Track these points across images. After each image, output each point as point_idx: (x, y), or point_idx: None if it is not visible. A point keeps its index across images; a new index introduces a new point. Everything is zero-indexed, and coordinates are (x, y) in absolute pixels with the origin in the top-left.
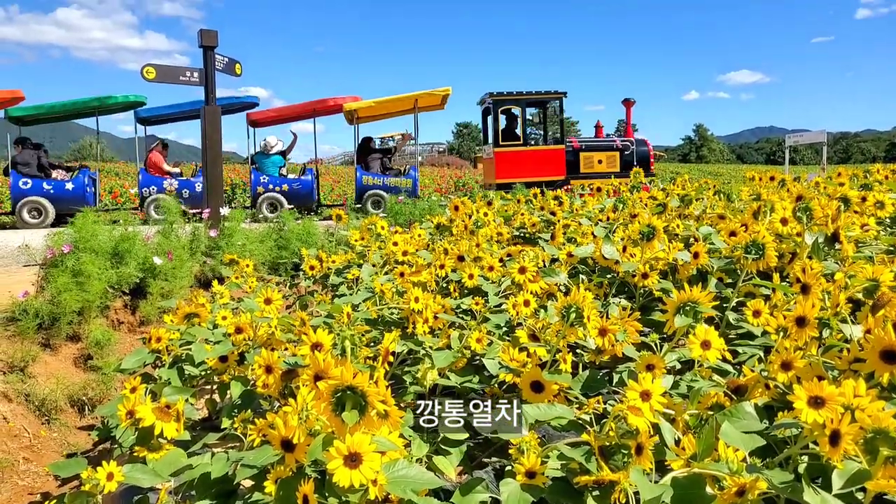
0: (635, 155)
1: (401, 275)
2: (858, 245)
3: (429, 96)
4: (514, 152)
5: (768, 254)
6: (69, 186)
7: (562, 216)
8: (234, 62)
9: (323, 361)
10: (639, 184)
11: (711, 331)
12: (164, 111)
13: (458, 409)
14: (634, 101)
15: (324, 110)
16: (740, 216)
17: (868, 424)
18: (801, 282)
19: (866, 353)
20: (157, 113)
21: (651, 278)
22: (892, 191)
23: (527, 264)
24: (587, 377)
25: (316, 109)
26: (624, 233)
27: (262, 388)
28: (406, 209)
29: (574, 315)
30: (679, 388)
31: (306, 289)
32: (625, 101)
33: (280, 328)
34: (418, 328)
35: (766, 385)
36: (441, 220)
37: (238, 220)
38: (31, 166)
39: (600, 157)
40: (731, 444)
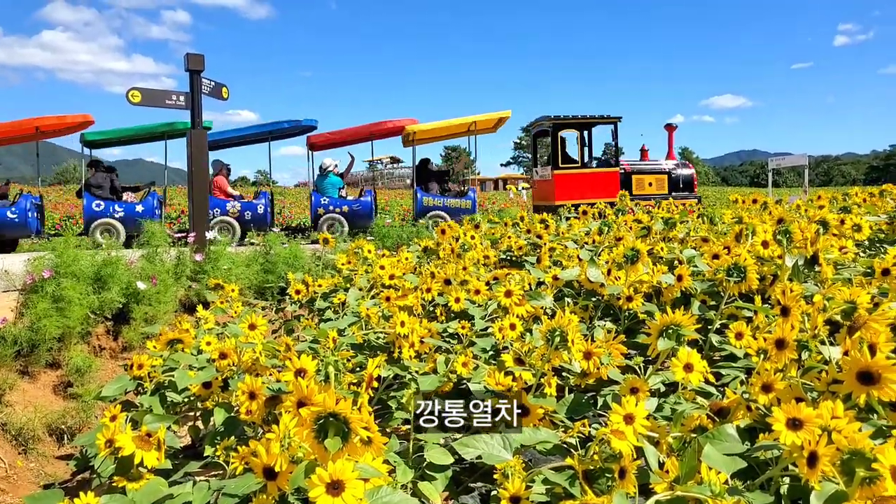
0: (681, 178)
1: (387, 299)
2: (837, 267)
3: (486, 121)
4: (573, 174)
5: (750, 276)
6: (139, 209)
7: (548, 239)
8: (220, 86)
9: (306, 388)
10: (624, 207)
11: (694, 353)
12: (226, 135)
13: None
14: (676, 125)
15: (381, 133)
16: (723, 239)
17: (844, 446)
18: (781, 304)
19: (844, 374)
20: (217, 138)
21: (635, 301)
22: (870, 214)
23: (513, 288)
24: (572, 401)
25: (373, 132)
26: (609, 256)
27: (246, 414)
28: (394, 232)
29: (558, 339)
30: (663, 410)
31: (293, 313)
32: (667, 126)
33: (265, 353)
34: (404, 353)
35: (747, 407)
36: (428, 244)
37: (224, 243)
38: (104, 189)
39: (650, 180)
40: (713, 467)
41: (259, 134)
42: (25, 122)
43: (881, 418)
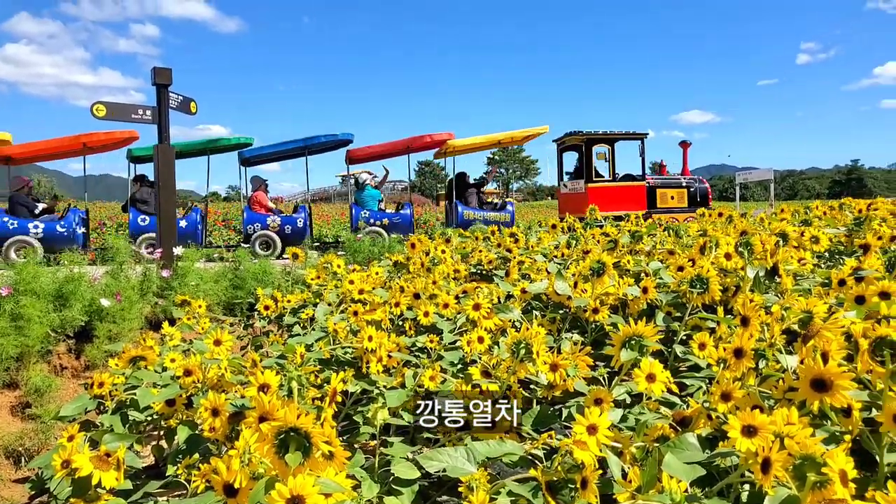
0: (698, 192)
1: (354, 313)
2: (797, 278)
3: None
4: (605, 188)
5: (712, 288)
6: (182, 224)
7: (517, 253)
8: (189, 100)
9: (268, 403)
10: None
11: (656, 364)
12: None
13: None
14: (690, 143)
15: (419, 147)
16: (688, 252)
17: (796, 451)
18: (741, 314)
19: (799, 382)
20: (259, 153)
21: (602, 313)
22: (830, 226)
23: (481, 301)
24: (538, 412)
25: (410, 146)
26: (576, 269)
27: (210, 431)
28: (365, 247)
29: (524, 351)
30: (627, 421)
31: (261, 329)
32: (682, 144)
33: (231, 370)
34: (372, 367)
35: (708, 416)
36: (399, 258)
37: (192, 259)
38: (150, 204)
39: (672, 194)
40: (674, 475)
41: (297, 148)
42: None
43: (834, 424)
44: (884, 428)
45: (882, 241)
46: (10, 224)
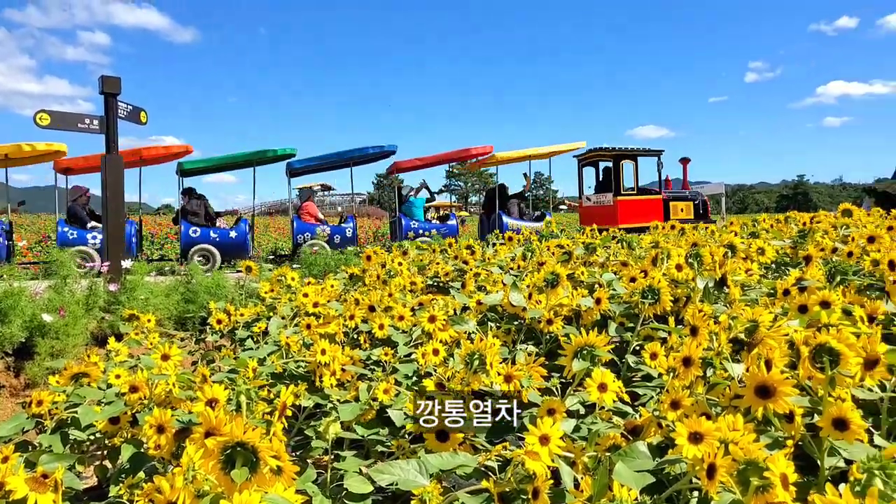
0: (701, 204)
1: (308, 326)
2: (744, 288)
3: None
4: (631, 200)
5: (663, 298)
6: (233, 234)
7: (474, 265)
8: (138, 110)
9: (215, 417)
10: (550, 233)
11: (608, 374)
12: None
13: None
14: (690, 159)
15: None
16: (641, 263)
17: (741, 456)
18: (691, 324)
19: (744, 389)
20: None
21: (556, 324)
22: (777, 238)
23: (437, 313)
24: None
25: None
26: (531, 280)
27: (155, 449)
28: (321, 260)
29: (478, 362)
30: (580, 431)
31: (214, 343)
32: (682, 160)
33: (179, 385)
34: (325, 381)
35: (658, 424)
36: (354, 271)
37: (141, 273)
38: (200, 216)
39: (682, 206)
40: (624, 484)
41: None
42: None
43: (777, 430)
44: (824, 432)
45: (824, 253)
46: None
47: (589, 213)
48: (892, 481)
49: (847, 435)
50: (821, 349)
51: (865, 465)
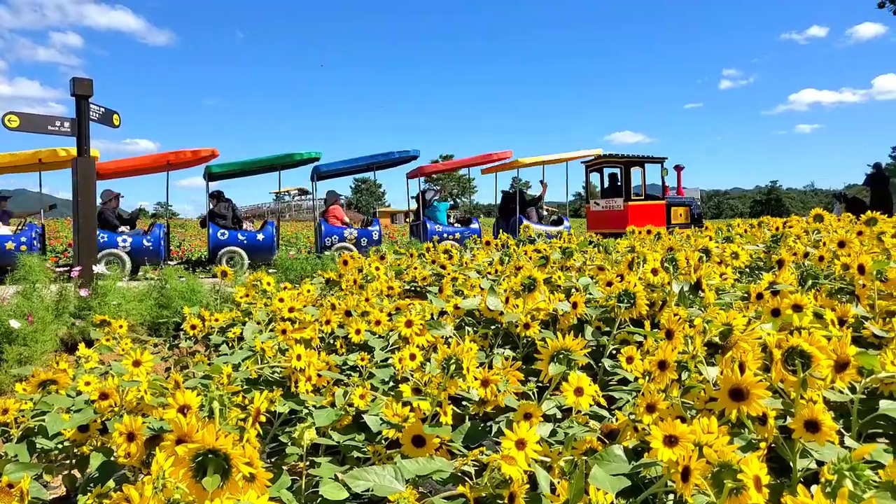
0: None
1: (283, 332)
2: (719, 292)
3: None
4: (640, 205)
5: (639, 302)
6: (260, 237)
7: (451, 269)
8: (111, 112)
9: (186, 424)
10: (527, 238)
11: (584, 377)
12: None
13: None
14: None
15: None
16: (617, 267)
17: (714, 459)
18: (666, 328)
19: (718, 392)
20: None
21: (533, 328)
22: (750, 243)
23: (413, 318)
24: (469, 428)
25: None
26: (508, 285)
27: (125, 458)
28: (297, 265)
29: (454, 366)
30: (557, 435)
31: (188, 349)
32: (676, 167)
33: (151, 392)
34: (301, 386)
35: (634, 428)
36: (331, 276)
37: (114, 278)
38: (227, 218)
39: (681, 211)
40: (600, 487)
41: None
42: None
43: (751, 432)
44: (796, 434)
45: (796, 257)
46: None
47: (597, 218)
48: (861, 482)
49: (818, 436)
50: (793, 352)
51: (836, 466)
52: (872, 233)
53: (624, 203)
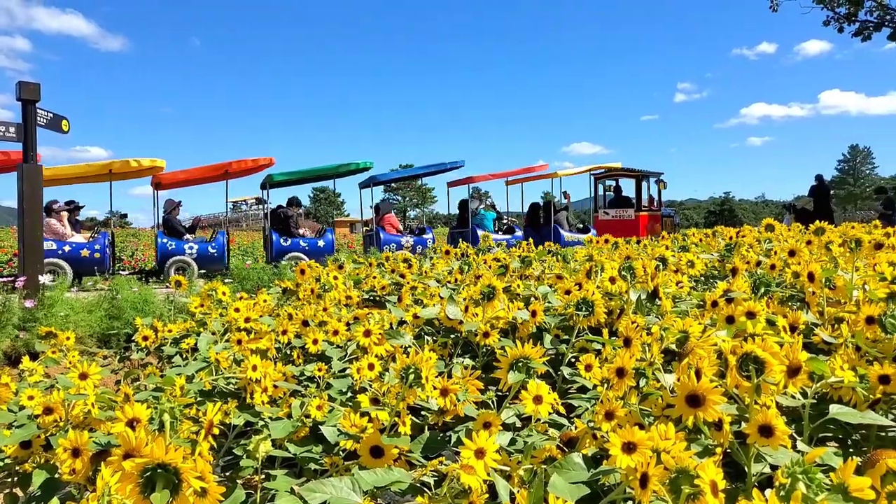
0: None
1: (238, 342)
2: (675, 300)
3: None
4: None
5: (597, 310)
6: (321, 244)
7: (411, 278)
8: (60, 118)
9: (135, 438)
10: (487, 247)
11: (543, 385)
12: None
13: None
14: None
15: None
16: (576, 276)
17: (672, 465)
18: (624, 335)
19: (675, 398)
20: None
21: (492, 337)
22: (705, 252)
23: (372, 327)
24: (428, 438)
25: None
26: (468, 293)
27: (70, 474)
28: (254, 274)
29: (413, 376)
30: (517, 444)
31: (140, 361)
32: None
33: (99, 405)
34: (256, 398)
35: (593, 435)
36: (288, 285)
37: (61, 288)
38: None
39: (667, 221)
40: (559, 496)
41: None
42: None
43: (707, 438)
44: (751, 439)
45: (749, 266)
46: None
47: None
48: (814, 485)
49: (772, 441)
50: (747, 358)
51: (790, 469)
52: (821, 242)
53: (636, 213)
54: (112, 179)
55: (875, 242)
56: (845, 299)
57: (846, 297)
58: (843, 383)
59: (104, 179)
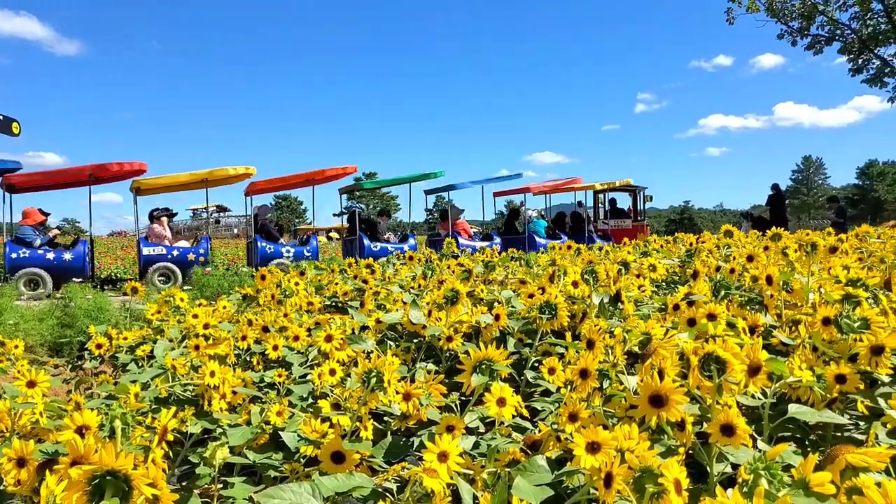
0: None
1: (196, 347)
2: (637, 304)
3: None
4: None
5: (560, 314)
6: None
7: (374, 284)
8: (10, 120)
9: (83, 445)
10: (451, 253)
11: (506, 388)
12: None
13: None
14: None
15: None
16: (539, 280)
17: (636, 464)
18: (587, 338)
19: (638, 399)
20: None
21: (455, 341)
22: (666, 258)
23: (334, 332)
24: (390, 443)
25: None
26: (431, 297)
27: (14, 486)
28: (214, 281)
29: (374, 380)
30: (480, 447)
31: (93, 370)
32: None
33: (48, 415)
34: (214, 404)
35: (557, 438)
36: (248, 291)
37: (10, 296)
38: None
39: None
40: (523, 498)
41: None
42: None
43: (670, 438)
44: (713, 438)
45: (709, 270)
46: None
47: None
48: (776, 481)
49: (734, 440)
50: (709, 358)
51: (752, 465)
52: (777, 248)
53: (633, 223)
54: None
55: (830, 246)
56: (802, 302)
57: (803, 300)
58: (802, 383)
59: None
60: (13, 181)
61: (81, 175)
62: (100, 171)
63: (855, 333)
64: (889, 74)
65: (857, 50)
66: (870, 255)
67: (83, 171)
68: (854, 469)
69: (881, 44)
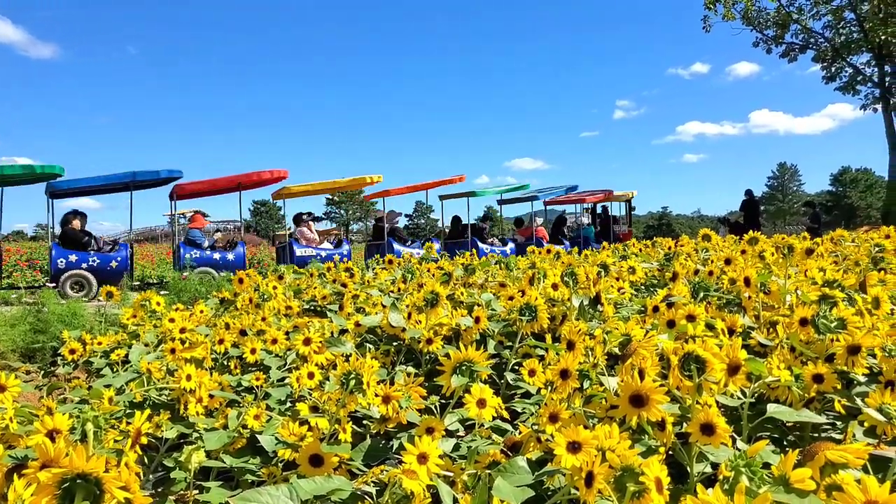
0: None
1: (172, 351)
2: (617, 306)
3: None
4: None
5: (540, 316)
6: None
7: (353, 287)
8: None
9: (53, 449)
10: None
11: (486, 389)
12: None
13: None
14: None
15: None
16: (519, 283)
17: (617, 463)
18: (567, 340)
19: (619, 399)
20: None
21: (435, 343)
22: (646, 262)
23: (312, 335)
24: (369, 446)
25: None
26: (411, 300)
27: None
28: (191, 286)
29: (354, 382)
30: (460, 450)
31: (66, 376)
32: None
33: (19, 420)
34: (191, 408)
35: (538, 439)
36: (226, 295)
37: None
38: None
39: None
40: (504, 499)
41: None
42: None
43: (651, 438)
44: (693, 437)
45: (687, 273)
46: None
47: None
48: (757, 478)
49: (714, 439)
50: (689, 357)
51: (733, 463)
52: (754, 251)
53: (627, 229)
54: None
55: (806, 249)
56: (779, 304)
57: (780, 302)
58: (780, 382)
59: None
60: (186, 190)
61: (231, 183)
62: (245, 179)
63: (832, 334)
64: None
65: (830, 58)
66: (844, 259)
67: (233, 180)
68: (833, 465)
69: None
